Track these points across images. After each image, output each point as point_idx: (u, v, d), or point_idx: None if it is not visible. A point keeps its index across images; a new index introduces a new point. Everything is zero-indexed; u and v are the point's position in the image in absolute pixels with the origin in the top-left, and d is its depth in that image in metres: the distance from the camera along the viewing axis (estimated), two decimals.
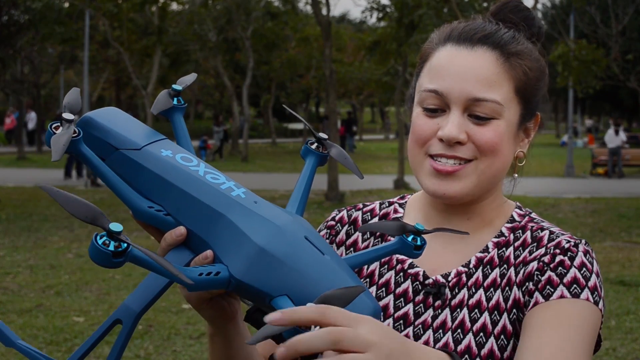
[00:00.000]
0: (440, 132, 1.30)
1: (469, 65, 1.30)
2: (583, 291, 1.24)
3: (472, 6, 17.18)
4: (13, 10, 20.91)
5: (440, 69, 1.32)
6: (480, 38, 1.32)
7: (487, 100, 1.29)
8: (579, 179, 23.43)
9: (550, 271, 1.27)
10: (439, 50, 1.35)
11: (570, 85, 20.03)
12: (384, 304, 1.37)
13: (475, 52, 1.31)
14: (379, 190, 18.08)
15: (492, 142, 1.30)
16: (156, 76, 25.35)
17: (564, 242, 1.30)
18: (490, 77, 1.30)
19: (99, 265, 0.92)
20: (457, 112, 1.30)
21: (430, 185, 1.32)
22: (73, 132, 1.06)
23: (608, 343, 6.25)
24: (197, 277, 1.02)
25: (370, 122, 73.69)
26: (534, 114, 1.38)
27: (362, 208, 1.49)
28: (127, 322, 1.07)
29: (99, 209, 0.94)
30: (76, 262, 9.43)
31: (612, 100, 44.05)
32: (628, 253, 10.23)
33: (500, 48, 1.32)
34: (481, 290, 1.32)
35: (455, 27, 1.36)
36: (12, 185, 18.79)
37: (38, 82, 31.69)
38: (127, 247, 0.91)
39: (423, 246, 1.13)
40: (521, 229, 1.37)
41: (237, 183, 1.13)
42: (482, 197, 1.37)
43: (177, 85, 1.24)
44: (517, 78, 1.32)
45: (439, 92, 1.30)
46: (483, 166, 1.31)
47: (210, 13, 29.57)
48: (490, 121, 1.30)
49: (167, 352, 5.98)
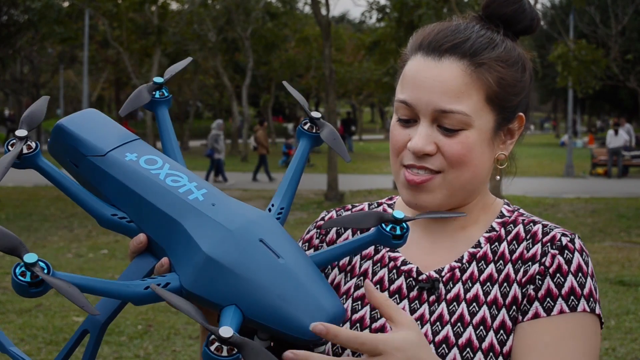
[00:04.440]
0: (409, 143, 1.31)
1: (436, 78, 1.29)
2: (580, 302, 1.28)
3: (471, 6, 17.18)
4: (13, 9, 20.91)
5: (409, 79, 1.32)
6: (448, 48, 1.31)
7: (454, 112, 1.28)
8: (578, 179, 23.43)
9: (549, 278, 1.30)
10: (411, 59, 1.34)
11: (570, 86, 20.02)
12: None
13: (442, 64, 1.30)
14: (379, 190, 18.09)
15: (460, 154, 1.29)
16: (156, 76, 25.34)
17: (559, 237, 1.33)
18: (457, 88, 1.29)
19: (21, 295, 0.93)
20: (425, 124, 1.30)
21: (405, 196, 1.34)
22: (28, 147, 1.06)
23: (608, 343, 6.25)
24: (142, 292, 1.02)
25: (370, 122, 73.70)
26: (514, 117, 1.36)
27: (351, 209, 1.49)
28: (93, 332, 1.07)
29: (18, 239, 0.93)
30: (76, 262, 9.43)
31: (612, 101, 44.05)
32: (627, 253, 10.23)
33: (469, 57, 1.30)
34: (477, 285, 1.33)
35: (426, 35, 1.35)
36: (12, 185, 18.79)
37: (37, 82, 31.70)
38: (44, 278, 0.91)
39: (404, 235, 1.12)
40: (512, 223, 1.38)
41: (200, 183, 1.12)
42: (465, 200, 1.37)
43: (158, 78, 1.23)
44: (488, 86, 1.30)
45: (409, 103, 1.31)
46: (451, 177, 1.31)
47: (209, 13, 29.57)
48: (459, 132, 1.29)
49: (166, 352, 5.98)
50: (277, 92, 40.63)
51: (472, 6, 17.10)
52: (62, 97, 44.76)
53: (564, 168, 24.74)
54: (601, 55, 19.32)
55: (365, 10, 22.25)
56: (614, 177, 23.99)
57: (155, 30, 25.89)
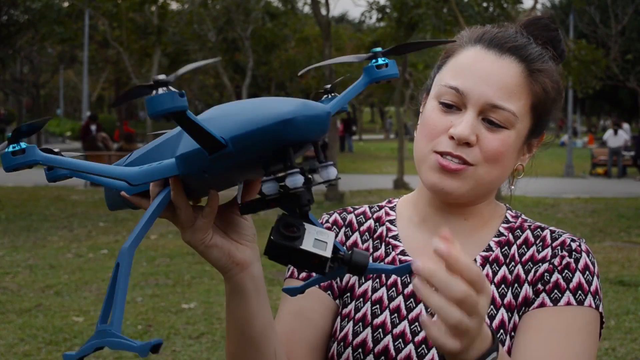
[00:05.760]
0: (452, 129, 1.31)
1: (494, 72, 1.32)
2: (587, 298, 1.32)
3: (471, 6, 17.17)
4: (13, 9, 20.91)
5: (465, 67, 1.34)
6: (511, 48, 1.34)
7: (504, 109, 1.31)
8: (578, 179, 23.43)
9: (557, 273, 1.33)
10: (467, 49, 1.36)
11: (570, 86, 20.02)
12: (395, 305, 1.39)
13: (503, 60, 1.33)
14: (379, 190, 18.08)
15: (498, 151, 1.32)
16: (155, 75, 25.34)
17: (569, 242, 1.36)
18: (512, 87, 1.32)
19: (6, 168, 0.98)
20: (472, 114, 1.31)
21: (431, 179, 1.34)
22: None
23: (607, 343, 6.25)
24: (139, 171, 1.05)
25: (370, 122, 73.68)
26: (542, 132, 1.41)
27: (353, 211, 1.51)
28: (122, 261, 1.05)
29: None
30: (76, 262, 9.43)
31: (612, 101, 44.04)
32: (627, 253, 10.23)
33: (527, 62, 1.34)
34: (492, 287, 1.35)
35: (487, 31, 1.38)
36: (12, 185, 18.79)
37: (37, 82, 31.71)
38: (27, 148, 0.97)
39: (387, 65, 1.13)
40: (518, 228, 1.41)
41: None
42: (482, 198, 1.39)
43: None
44: (536, 94, 1.34)
45: (460, 91, 1.32)
46: (482, 172, 1.32)
47: (209, 13, 29.55)
48: (502, 130, 1.32)
49: (166, 352, 5.98)
50: (277, 92, 40.62)
51: (472, 6, 17.10)
52: (62, 97, 44.78)
53: (563, 168, 24.74)
54: (601, 55, 19.33)
55: (365, 10, 22.25)
56: (613, 177, 23.99)
57: (155, 30, 25.87)
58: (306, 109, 1.00)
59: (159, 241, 10.80)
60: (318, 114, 1.01)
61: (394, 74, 1.14)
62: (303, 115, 0.99)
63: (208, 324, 6.66)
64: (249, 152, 1.00)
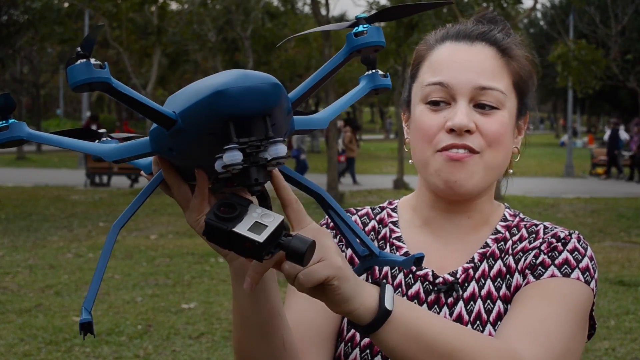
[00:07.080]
0: (449, 122, 1.32)
1: (472, 58, 1.35)
2: (574, 271, 1.30)
3: (471, 6, 17.18)
4: (12, 10, 20.91)
5: (442, 62, 1.35)
6: (478, 35, 1.37)
7: (493, 88, 1.33)
8: (578, 179, 23.43)
9: (543, 254, 1.33)
10: (438, 48, 1.38)
11: (569, 86, 20.03)
12: None
13: (475, 47, 1.36)
14: (379, 190, 18.08)
15: (498, 132, 1.33)
16: (155, 76, 25.31)
17: (559, 233, 1.37)
18: (493, 68, 1.34)
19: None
20: (463, 102, 1.32)
21: (443, 176, 1.33)
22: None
23: (607, 343, 6.25)
24: (114, 148, 1.05)
25: (370, 122, 73.67)
26: (526, 111, 1.43)
27: (356, 212, 1.52)
28: (107, 238, 1.06)
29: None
30: (75, 262, 9.43)
31: (612, 101, 44.04)
32: (627, 253, 10.23)
33: (497, 45, 1.37)
34: (489, 281, 1.37)
35: (451, 28, 1.41)
36: (12, 185, 18.79)
37: (37, 82, 31.70)
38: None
39: (367, 30, 1.06)
40: (515, 227, 1.42)
41: None
42: (482, 193, 1.40)
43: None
44: (514, 72, 1.37)
45: (444, 84, 1.33)
46: (488, 157, 1.33)
47: (209, 13, 29.55)
48: (495, 111, 1.33)
49: (166, 352, 5.98)
50: None
51: (472, 6, 17.11)
52: (62, 97, 44.77)
53: (563, 168, 24.75)
54: (601, 55, 19.34)
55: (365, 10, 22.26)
56: (613, 177, 23.99)
57: (155, 31, 25.85)
58: (243, 79, 0.96)
59: (159, 241, 10.80)
60: (256, 85, 0.96)
61: (375, 42, 1.06)
62: (237, 86, 0.95)
63: (208, 324, 6.66)
64: (198, 127, 0.97)
